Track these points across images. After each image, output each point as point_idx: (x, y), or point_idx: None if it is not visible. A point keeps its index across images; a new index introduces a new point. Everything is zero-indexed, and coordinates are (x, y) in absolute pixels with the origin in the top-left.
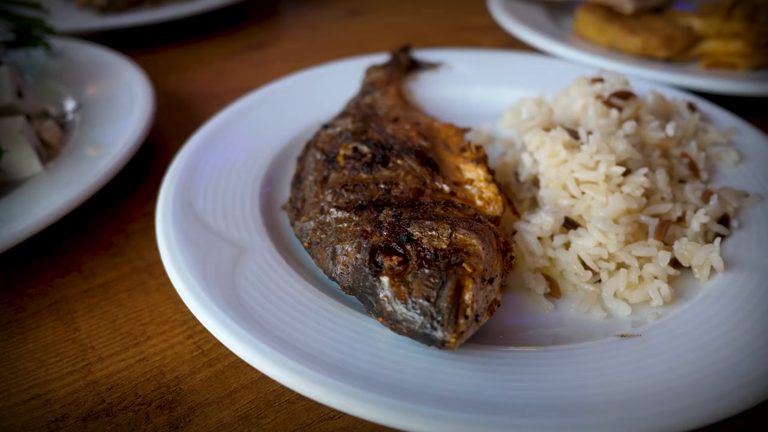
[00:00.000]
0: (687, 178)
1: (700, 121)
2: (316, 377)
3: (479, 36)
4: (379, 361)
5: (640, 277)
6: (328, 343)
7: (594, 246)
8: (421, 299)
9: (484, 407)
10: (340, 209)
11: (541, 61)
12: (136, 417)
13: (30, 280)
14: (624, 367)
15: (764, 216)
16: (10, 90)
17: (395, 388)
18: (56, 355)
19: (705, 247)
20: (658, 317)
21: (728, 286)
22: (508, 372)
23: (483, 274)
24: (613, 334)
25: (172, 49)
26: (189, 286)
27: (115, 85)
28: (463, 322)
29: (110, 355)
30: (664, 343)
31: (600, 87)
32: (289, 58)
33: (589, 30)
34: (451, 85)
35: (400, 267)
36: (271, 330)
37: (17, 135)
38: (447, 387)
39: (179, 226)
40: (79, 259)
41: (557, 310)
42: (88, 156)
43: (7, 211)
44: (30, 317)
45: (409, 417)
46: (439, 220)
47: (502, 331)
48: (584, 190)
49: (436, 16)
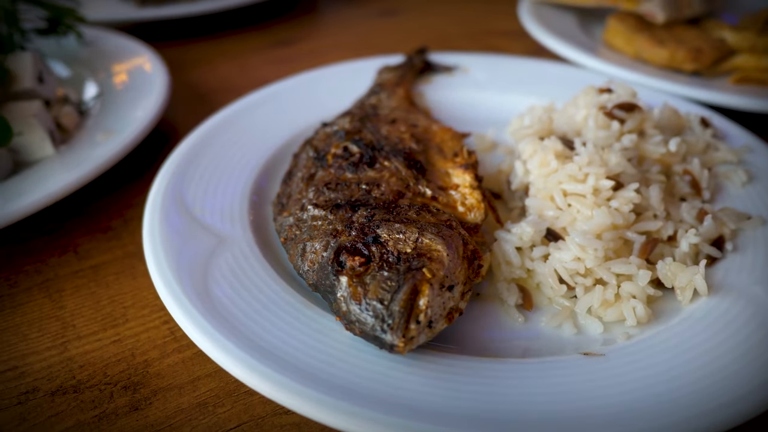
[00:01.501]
0: (688, 196)
1: (713, 137)
2: (266, 373)
3: (507, 41)
4: (333, 362)
5: (617, 295)
6: (285, 340)
7: (571, 260)
8: (375, 301)
9: (427, 415)
10: (318, 207)
11: (559, 69)
12: (101, 395)
13: (28, 258)
14: (577, 386)
15: (763, 240)
16: (31, 75)
17: (343, 390)
18: (39, 330)
19: (689, 269)
20: (628, 338)
21: (709, 311)
22: (459, 382)
23: (442, 281)
24: (579, 351)
25: (200, 43)
26: (161, 270)
27: (136, 75)
28: (414, 327)
29: (88, 335)
30: (626, 364)
31: (606, 98)
32: (315, 56)
33: (618, 39)
34: (463, 89)
35: (361, 268)
36: (232, 322)
37: (31, 118)
38: (395, 392)
39: (165, 212)
40: (77, 240)
41: (528, 323)
42: (97, 141)
43: (14, 189)
44: (22, 293)
45: (351, 419)
46: (409, 224)
47: (467, 340)
48: (571, 203)
49: (467, 19)
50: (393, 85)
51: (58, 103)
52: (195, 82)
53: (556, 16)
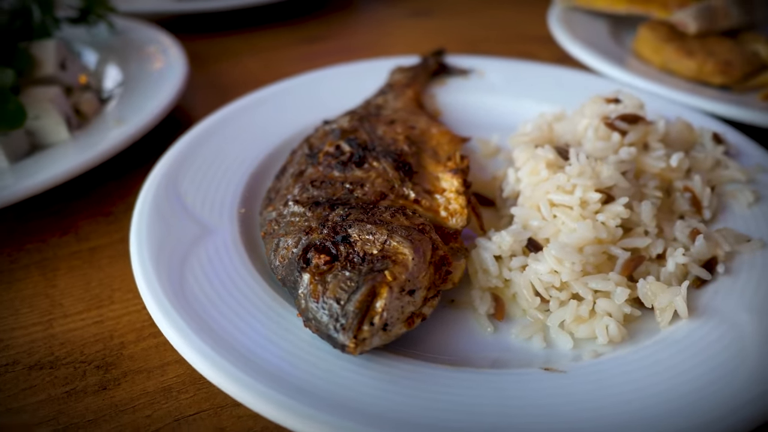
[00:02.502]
0: (688, 214)
1: (724, 154)
2: (221, 364)
3: (537, 47)
4: (291, 359)
5: (591, 312)
6: (248, 334)
7: (547, 272)
8: (332, 300)
9: (373, 419)
10: (298, 203)
11: (578, 76)
12: (74, 373)
13: (31, 236)
14: (531, 401)
15: (760, 264)
16: (54, 62)
17: (295, 387)
18: (29, 306)
19: (671, 290)
20: (596, 356)
21: (687, 334)
22: (413, 387)
23: (403, 285)
24: (541, 366)
25: (230, 37)
26: (140, 254)
27: (157, 66)
28: (367, 329)
29: (74, 314)
30: (587, 383)
31: (613, 108)
32: (341, 54)
33: (646, 49)
34: (476, 93)
35: (325, 266)
36: (198, 311)
37: (48, 104)
38: (347, 394)
39: (156, 199)
40: (79, 222)
41: (498, 333)
42: (110, 128)
43: (26, 169)
44: (20, 269)
45: (298, 418)
46: (380, 226)
47: (434, 346)
48: (557, 214)
49: (499, 22)
50: (403, 86)
51: (79, 90)
52: (218, 75)
53: (586, 22)
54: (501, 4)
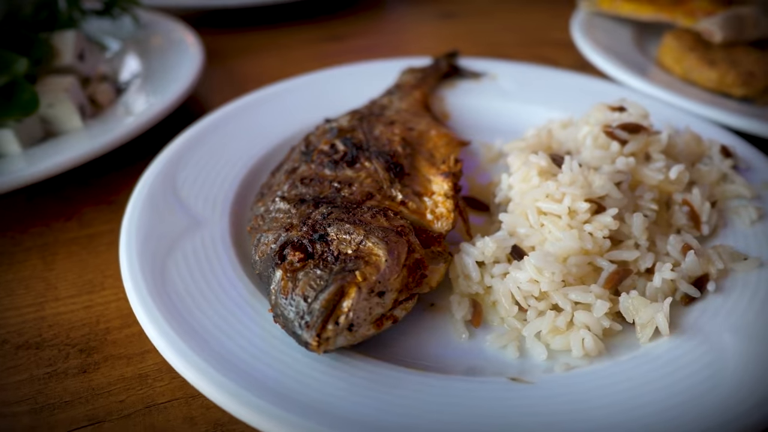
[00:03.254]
0: (685, 228)
1: (732, 169)
2: (188, 355)
3: (557, 52)
4: (260, 355)
5: (569, 323)
6: (221, 326)
7: (527, 281)
8: (300, 297)
9: (334, 419)
10: (285, 200)
11: (592, 84)
12: (58, 355)
13: (36, 219)
14: (493, 410)
15: (754, 284)
16: (72, 53)
17: (260, 384)
18: (25, 288)
19: (653, 305)
20: (567, 368)
21: (665, 352)
22: (376, 390)
23: (373, 286)
24: (507, 376)
25: (251, 33)
26: (128, 241)
27: (175, 59)
28: (331, 328)
29: (66, 297)
30: (552, 396)
31: (616, 116)
32: (362, 53)
33: (668, 57)
34: (486, 97)
35: (299, 263)
36: (174, 300)
37: (62, 93)
38: (311, 392)
39: (152, 190)
40: (83, 209)
41: (473, 340)
42: (120, 118)
43: (37, 155)
44: (22, 251)
45: (256, 413)
46: (358, 226)
47: (408, 348)
48: (544, 222)
49: (522, 26)
50: (411, 87)
51: (96, 81)
52: (236, 70)
53: (610, 28)
54: (526, 8)
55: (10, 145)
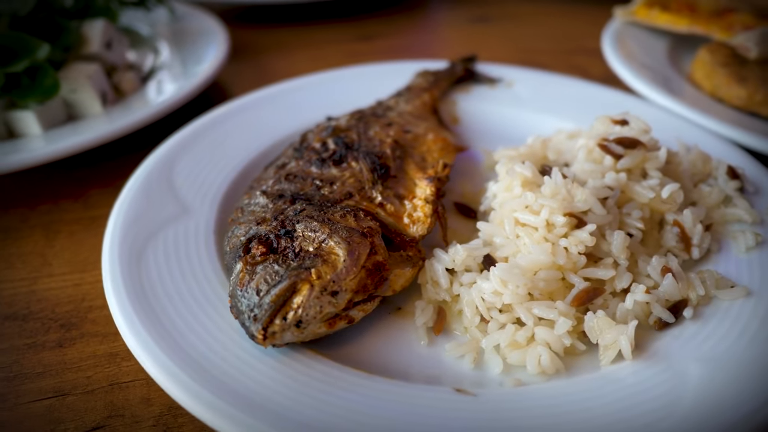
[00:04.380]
0: (675, 250)
1: (738, 191)
2: (147, 342)
3: (588, 61)
4: (214, 345)
5: (530, 339)
6: (182, 313)
7: (490, 292)
8: (253, 290)
9: (270, 415)
10: (265, 195)
11: (609, 95)
12: (41, 328)
13: (47, 198)
14: (429, 419)
15: (735, 314)
16: (99, 42)
17: (208, 374)
18: (23, 262)
19: (617, 327)
20: (517, 384)
21: (625, 376)
22: (319, 389)
23: (327, 285)
24: (453, 387)
25: (284, 29)
26: (114, 224)
27: (204, 51)
28: (278, 323)
29: (59, 274)
30: (491, 411)
31: (618, 130)
32: (391, 53)
33: (700, 72)
34: (499, 104)
35: (260, 257)
36: (143, 284)
37: (85, 80)
38: (252, 386)
39: (148, 176)
40: (91, 191)
41: (433, 347)
42: (137, 107)
43: (57, 136)
44: (28, 227)
45: (198, 404)
46: (325, 224)
47: (366, 351)
48: (520, 233)
49: (557, 34)
50: (421, 89)
51: (123, 69)
52: (265, 65)
53: (646, 39)
54: (564, 14)
55: (31, 125)
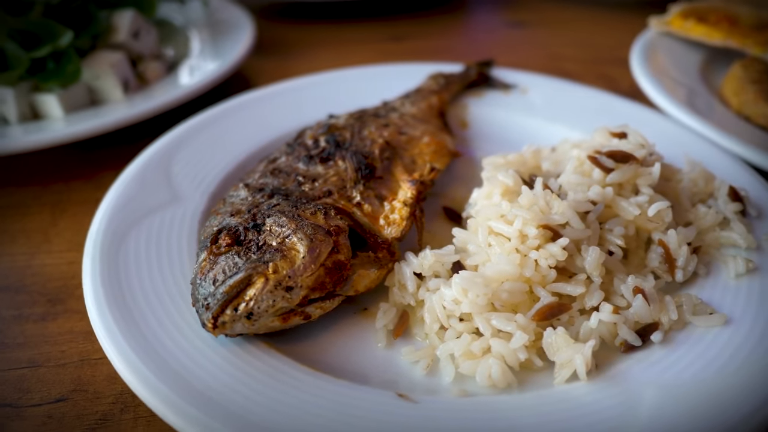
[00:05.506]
0: (658, 271)
1: (739, 214)
2: (111, 328)
3: (618, 71)
4: (174, 334)
5: (486, 350)
6: (149, 299)
7: (450, 300)
8: (210, 280)
9: (212, 407)
10: (247, 187)
11: (625, 107)
12: (29, 300)
13: (59, 178)
14: (367, 423)
15: (707, 343)
16: (127, 31)
17: (161, 362)
18: (26, 237)
19: (574, 346)
20: (462, 394)
21: (576, 396)
22: (264, 383)
23: (282, 280)
24: (403, 393)
25: (316, 25)
26: (105, 205)
27: (230, 44)
28: (229, 313)
29: (56, 251)
30: (428, 419)
31: (615, 142)
32: (418, 54)
33: (729, 88)
34: (510, 110)
35: (225, 248)
36: (117, 264)
37: (108, 67)
38: (203, 376)
39: (146, 162)
40: (102, 173)
41: (391, 350)
42: (157, 95)
43: (77, 119)
44: (37, 205)
45: (147, 390)
46: (293, 220)
47: (323, 348)
48: (492, 242)
49: (589, 40)
50: (430, 91)
51: (149, 59)
52: (290, 60)
53: (680, 51)
54: (602, 22)
55: (53, 108)
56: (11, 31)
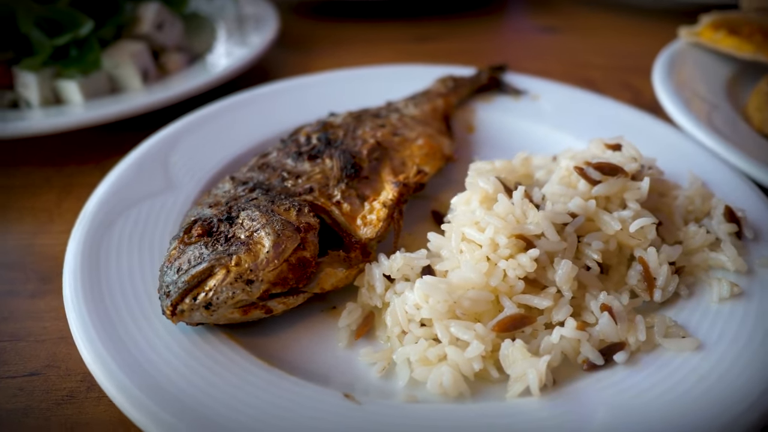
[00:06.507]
0: (637, 290)
1: (733, 236)
2: (81, 313)
3: (642, 81)
4: (140, 321)
5: (442, 357)
6: (123, 284)
7: (412, 304)
8: (175, 268)
9: (166, 399)
10: (232, 180)
11: (637, 119)
12: (23, 277)
13: (73, 161)
14: (309, 420)
15: (674, 368)
16: (151, 23)
17: (122, 347)
18: (32, 216)
19: (529, 360)
20: (409, 399)
21: (525, 411)
22: (218, 374)
23: (243, 273)
24: (349, 393)
25: (345, 23)
26: (101, 189)
27: (252, 40)
28: (188, 302)
29: (57, 232)
30: (369, 422)
31: (609, 154)
32: (442, 56)
33: (752, 105)
34: (518, 116)
35: (196, 238)
36: (100, 248)
37: (128, 57)
38: (160, 365)
39: (146, 150)
40: (114, 157)
41: (351, 350)
42: (173, 85)
43: (94, 105)
44: (48, 186)
45: (102, 370)
46: (264, 214)
47: (286, 344)
48: (464, 249)
49: (617, 48)
50: (436, 94)
51: (172, 50)
52: (313, 56)
53: (708, 63)
54: (633, 29)
55: (74, 94)
56: (38, 18)
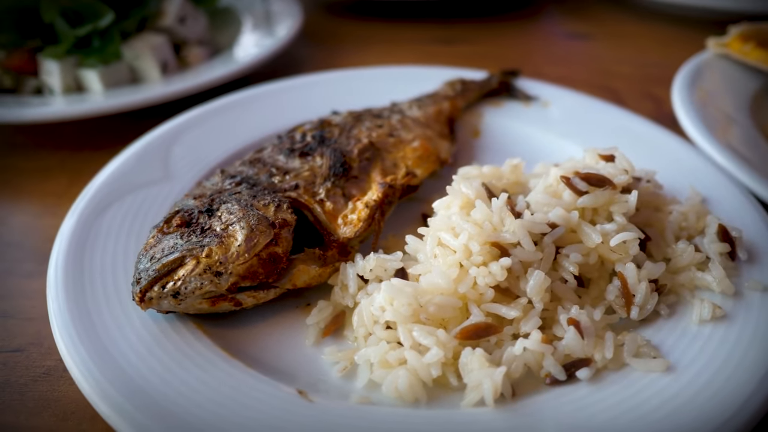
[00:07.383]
0: (615, 306)
1: (725, 256)
2: (58, 284)
3: (665, 92)
4: (114, 302)
5: (402, 360)
6: (105, 269)
7: (377, 306)
8: (149, 256)
9: (137, 395)
10: (222, 174)
11: (648, 131)
12: (22, 257)
13: (89, 147)
14: (262, 414)
15: (638, 389)
16: (173, 17)
17: (90, 324)
18: (41, 198)
19: (486, 370)
20: (362, 401)
21: (475, 421)
22: (181, 364)
23: (212, 264)
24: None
25: (371, 23)
26: (101, 176)
27: (273, 36)
28: (156, 290)
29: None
30: (319, 421)
31: (601, 165)
32: (463, 59)
33: None
34: (526, 122)
35: (174, 228)
36: (88, 234)
37: (148, 49)
38: (117, 341)
39: (149, 141)
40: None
41: (316, 348)
42: (190, 78)
43: (112, 94)
44: (60, 169)
45: (70, 350)
46: (243, 208)
47: (257, 338)
48: (437, 253)
49: (643, 57)
50: (443, 97)
51: (192, 43)
52: (336, 54)
53: (735, 76)
54: (663, 38)
55: (94, 83)
56: (64, 8)
